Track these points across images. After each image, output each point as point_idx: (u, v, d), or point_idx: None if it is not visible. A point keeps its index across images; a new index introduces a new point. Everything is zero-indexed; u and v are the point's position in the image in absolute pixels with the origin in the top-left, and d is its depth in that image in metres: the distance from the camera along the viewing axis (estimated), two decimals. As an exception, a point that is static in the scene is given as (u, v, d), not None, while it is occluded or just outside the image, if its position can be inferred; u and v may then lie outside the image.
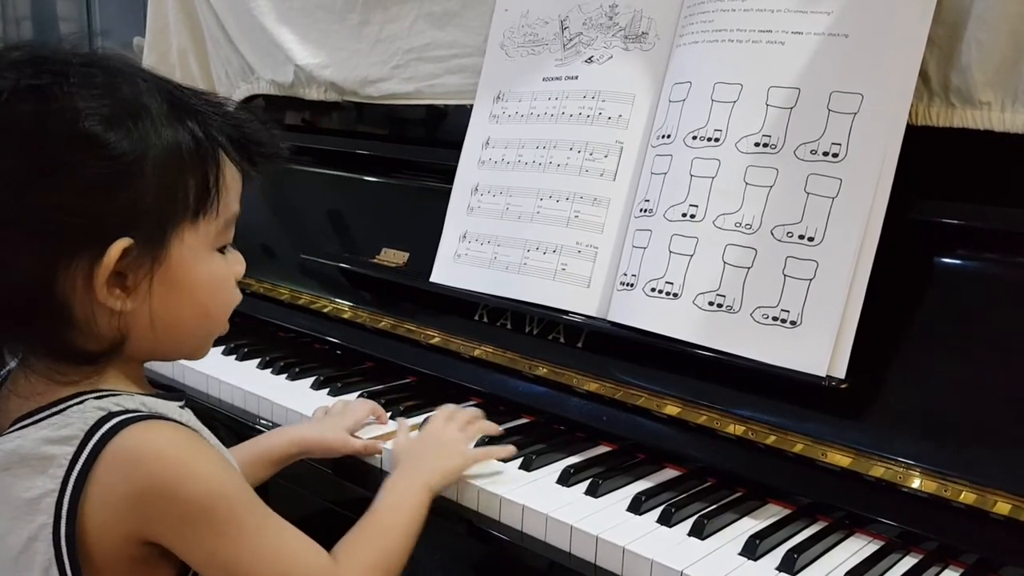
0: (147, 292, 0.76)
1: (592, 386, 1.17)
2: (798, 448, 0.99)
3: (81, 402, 0.75)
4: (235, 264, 0.85)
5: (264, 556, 0.77)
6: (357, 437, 1.15)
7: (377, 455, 1.14)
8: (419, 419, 1.22)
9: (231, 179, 0.81)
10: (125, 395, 0.77)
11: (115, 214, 0.73)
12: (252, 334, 1.54)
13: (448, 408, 1.14)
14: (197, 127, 0.78)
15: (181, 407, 0.81)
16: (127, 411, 0.75)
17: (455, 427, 1.09)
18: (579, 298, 1.20)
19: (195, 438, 0.77)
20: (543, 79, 1.33)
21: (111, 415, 0.74)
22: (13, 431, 0.75)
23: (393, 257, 1.48)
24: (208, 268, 0.80)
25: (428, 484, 0.98)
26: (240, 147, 0.81)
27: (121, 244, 0.73)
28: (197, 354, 0.86)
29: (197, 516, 0.74)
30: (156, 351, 0.82)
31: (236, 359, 1.48)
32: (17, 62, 0.73)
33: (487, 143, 1.37)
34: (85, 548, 0.73)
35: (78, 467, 0.72)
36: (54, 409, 0.75)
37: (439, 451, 1.04)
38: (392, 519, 0.93)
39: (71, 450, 0.73)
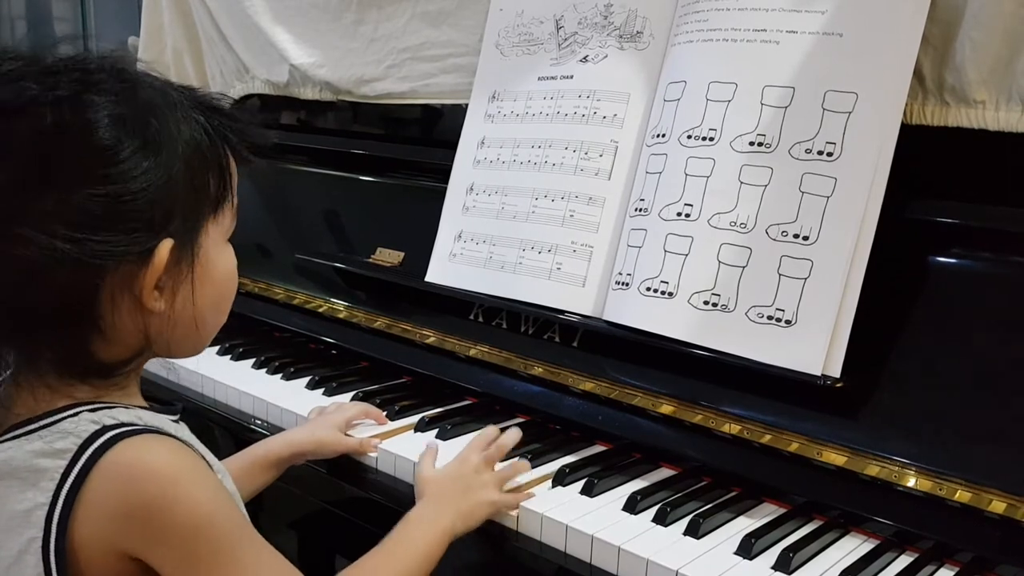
0: (188, 290, 0.76)
1: (588, 385, 1.17)
2: (793, 447, 0.99)
3: (75, 414, 0.73)
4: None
5: None
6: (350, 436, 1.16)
7: (372, 454, 1.14)
8: (415, 418, 1.22)
9: (234, 169, 0.82)
10: (121, 407, 0.76)
11: (153, 217, 0.73)
12: (247, 334, 1.54)
13: (486, 435, 1.08)
14: (204, 122, 0.78)
15: (175, 421, 0.80)
16: (122, 424, 0.73)
17: (489, 466, 1.03)
18: (574, 297, 1.20)
19: (192, 458, 0.76)
20: (538, 78, 1.33)
21: (105, 428, 0.73)
22: (4, 441, 0.74)
23: (388, 257, 1.47)
24: (226, 259, 0.82)
25: (452, 529, 0.95)
26: (236, 136, 0.82)
27: (167, 245, 0.73)
28: (201, 350, 0.85)
29: (180, 542, 0.72)
30: (174, 350, 0.81)
31: (231, 359, 1.47)
32: (35, 73, 0.72)
33: (482, 142, 1.36)
34: (74, 562, 0.72)
35: (70, 481, 0.71)
36: (47, 421, 0.73)
37: (469, 495, 0.99)
38: (405, 553, 0.91)
39: (63, 463, 0.71)
